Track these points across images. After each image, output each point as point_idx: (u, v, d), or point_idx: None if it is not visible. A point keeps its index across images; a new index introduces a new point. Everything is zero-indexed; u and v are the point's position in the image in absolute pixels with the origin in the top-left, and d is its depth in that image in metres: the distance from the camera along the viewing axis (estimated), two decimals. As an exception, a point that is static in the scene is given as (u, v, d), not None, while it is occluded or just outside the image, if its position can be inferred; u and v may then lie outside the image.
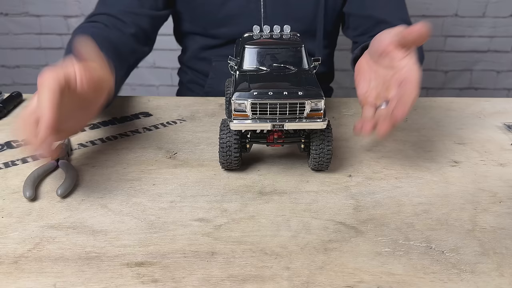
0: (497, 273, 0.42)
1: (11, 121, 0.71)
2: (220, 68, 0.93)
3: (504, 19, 1.71)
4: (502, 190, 0.54)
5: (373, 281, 0.40)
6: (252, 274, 0.41)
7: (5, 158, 0.60)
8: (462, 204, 0.52)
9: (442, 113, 0.76)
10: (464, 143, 0.66)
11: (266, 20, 0.86)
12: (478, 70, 1.81)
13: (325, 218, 0.49)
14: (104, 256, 0.43)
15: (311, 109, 0.51)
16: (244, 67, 0.56)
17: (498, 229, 0.47)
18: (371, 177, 0.57)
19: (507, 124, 0.72)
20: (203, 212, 0.50)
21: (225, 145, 0.54)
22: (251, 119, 0.52)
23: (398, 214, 0.50)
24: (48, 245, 0.44)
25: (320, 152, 0.54)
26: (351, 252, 0.44)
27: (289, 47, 0.57)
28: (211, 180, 0.56)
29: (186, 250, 0.44)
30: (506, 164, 0.60)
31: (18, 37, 1.75)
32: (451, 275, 0.41)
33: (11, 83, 1.85)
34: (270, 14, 0.86)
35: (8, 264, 0.42)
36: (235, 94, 0.51)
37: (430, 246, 0.45)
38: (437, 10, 1.68)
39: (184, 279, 0.41)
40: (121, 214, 0.49)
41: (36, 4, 1.69)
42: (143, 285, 0.40)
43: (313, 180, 0.56)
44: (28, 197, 0.51)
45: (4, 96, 0.77)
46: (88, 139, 0.66)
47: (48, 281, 0.40)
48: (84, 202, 0.51)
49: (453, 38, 1.74)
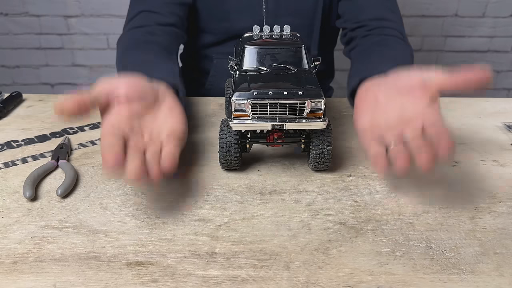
0: (497, 273, 0.42)
1: (11, 121, 0.72)
2: (221, 66, 0.93)
3: (504, 19, 1.71)
4: (502, 190, 0.54)
5: (373, 281, 0.40)
6: (252, 274, 0.41)
7: (5, 158, 0.60)
8: (462, 204, 0.51)
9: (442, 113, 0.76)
10: (464, 143, 0.66)
11: (267, 15, 0.86)
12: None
13: (325, 218, 0.49)
14: (104, 256, 0.43)
15: (311, 109, 0.51)
16: (244, 67, 0.56)
17: (498, 229, 0.47)
18: (371, 177, 0.57)
19: (507, 124, 0.72)
20: (203, 212, 0.50)
21: (225, 145, 0.54)
22: (251, 119, 0.52)
23: (398, 214, 0.50)
24: (48, 245, 0.44)
25: (320, 152, 0.54)
26: (351, 252, 0.44)
27: (289, 47, 0.57)
28: (211, 180, 0.56)
29: (186, 250, 0.44)
30: (506, 164, 0.60)
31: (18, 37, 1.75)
32: (451, 275, 0.41)
33: (11, 83, 1.85)
34: (271, 8, 0.86)
35: (8, 264, 0.42)
36: (235, 94, 0.51)
37: (430, 246, 0.45)
38: (437, 10, 1.68)
39: (184, 279, 0.41)
40: (121, 214, 0.49)
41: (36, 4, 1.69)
42: (143, 285, 0.40)
43: (313, 180, 0.56)
44: (28, 197, 0.51)
45: (4, 96, 0.77)
46: (88, 139, 0.66)
47: (48, 281, 0.40)
48: (84, 202, 0.51)
49: (453, 38, 1.74)
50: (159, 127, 0.52)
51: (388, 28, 0.80)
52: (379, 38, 0.78)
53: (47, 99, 0.80)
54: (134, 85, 0.52)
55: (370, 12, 0.82)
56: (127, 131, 0.49)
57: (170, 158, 0.48)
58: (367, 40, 0.79)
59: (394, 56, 0.70)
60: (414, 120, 0.51)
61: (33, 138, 0.66)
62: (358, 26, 0.83)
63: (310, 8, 0.87)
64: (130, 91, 0.51)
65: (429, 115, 0.51)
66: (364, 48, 0.78)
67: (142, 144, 0.49)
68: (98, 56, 1.77)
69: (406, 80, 0.54)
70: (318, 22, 0.88)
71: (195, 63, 0.99)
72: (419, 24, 1.70)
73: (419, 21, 1.70)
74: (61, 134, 0.67)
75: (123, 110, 0.51)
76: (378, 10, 0.83)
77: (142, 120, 0.52)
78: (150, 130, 0.51)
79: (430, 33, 1.73)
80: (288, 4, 0.87)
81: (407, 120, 0.52)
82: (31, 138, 0.66)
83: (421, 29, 1.71)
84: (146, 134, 0.51)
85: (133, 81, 0.53)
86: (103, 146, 0.46)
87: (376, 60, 0.69)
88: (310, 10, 0.88)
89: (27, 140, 0.65)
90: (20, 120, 0.72)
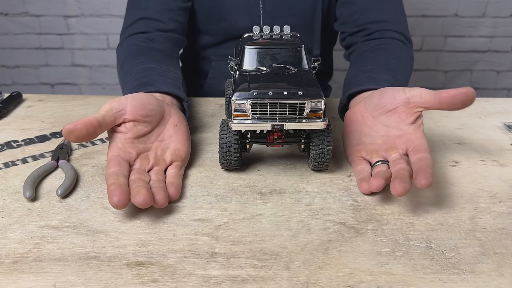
0: (497, 273, 0.42)
1: (11, 121, 0.72)
2: (220, 67, 0.93)
3: (504, 19, 1.71)
4: (502, 190, 0.54)
5: (373, 281, 0.40)
6: (252, 274, 0.41)
7: (5, 158, 0.60)
8: (462, 204, 0.52)
9: (442, 113, 0.76)
10: (464, 143, 0.66)
11: (265, 15, 0.86)
12: (478, 70, 1.82)
13: (325, 218, 0.49)
14: (104, 256, 0.43)
15: (311, 109, 0.51)
16: (244, 67, 0.56)
17: (498, 229, 0.47)
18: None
19: (507, 124, 0.72)
20: (203, 212, 0.50)
21: (225, 145, 0.54)
22: (251, 119, 0.52)
23: (398, 214, 0.50)
24: (48, 245, 0.44)
25: (320, 152, 0.54)
26: (351, 252, 0.44)
27: (289, 47, 0.57)
28: (211, 180, 0.56)
29: (186, 250, 0.44)
30: (506, 164, 0.60)
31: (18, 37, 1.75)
32: (451, 275, 0.41)
33: (11, 83, 1.85)
34: (269, 9, 0.86)
35: (8, 264, 0.42)
36: (235, 94, 0.51)
37: (430, 246, 0.45)
38: (437, 10, 1.68)
39: (184, 279, 0.41)
40: (121, 214, 0.49)
41: (36, 4, 1.69)
42: (143, 285, 0.40)
43: (313, 180, 0.56)
44: (28, 197, 0.51)
45: (4, 96, 0.77)
46: (88, 139, 0.66)
47: (48, 281, 0.40)
48: (84, 202, 0.51)
49: (453, 38, 1.75)
50: (164, 147, 0.55)
51: (388, 30, 0.80)
52: (378, 42, 0.78)
53: (47, 99, 0.80)
54: (141, 106, 0.54)
55: (370, 15, 0.82)
56: (133, 155, 0.52)
57: (175, 188, 0.51)
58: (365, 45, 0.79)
59: (388, 64, 0.70)
60: (398, 144, 0.54)
61: (33, 138, 0.66)
62: (358, 30, 0.82)
63: (308, 8, 0.87)
64: (137, 113, 0.53)
65: (413, 137, 0.54)
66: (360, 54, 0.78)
67: (147, 167, 0.53)
68: (98, 56, 1.77)
69: (390, 100, 0.56)
70: (318, 22, 0.88)
71: (193, 65, 0.99)
72: (419, 24, 1.71)
73: (419, 21, 1.70)
74: (61, 134, 0.67)
75: (129, 132, 0.53)
76: (378, 12, 0.82)
77: (147, 141, 0.55)
78: (155, 151, 0.55)
79: (430, 33, 1.73)
80: (286, 5, 0.86)
81: (391, 144, 0.55)
82: (31, 138, 0.66)
83: (421, 29, 1.71)
84: (151, 156, 0.54)
85: (140, 102, 0.54)
86: (108, 176, 0.49)
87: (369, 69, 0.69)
88: (309, 10, 0.87)
89: (27, 140, 0.65)
90: (20, 120, 0.72)
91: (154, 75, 0.65)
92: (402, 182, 0.47)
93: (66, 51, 1.78)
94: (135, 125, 0.53)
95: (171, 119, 0.57)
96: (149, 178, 0.51)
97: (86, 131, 0.48)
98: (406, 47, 0.79)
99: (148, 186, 0.49)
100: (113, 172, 0.49)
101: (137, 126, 0.53)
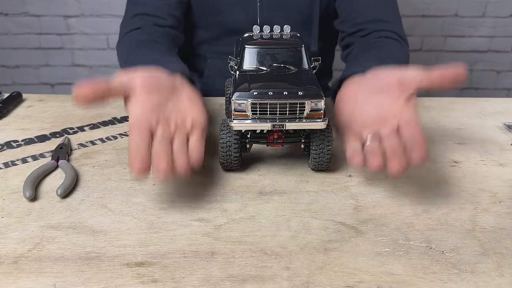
0: (497, 273, 0.42)
1: (11, 121, 0.72)
2: (215, 65, 0.93)
3: (504, 19, 1.71)
4: (502, 190, 0.54)
5: (373, 281, 0.40)
6: (252, 274, 0.41)
7: (5, 158, 0.60)
8: (462, 204, 0.51)
9: (442, 113, 0.76)
10: (464, 143, 0.66)
11: (261, 9, 0.86)
12: (478, 70, 1.81)
13: (325, 218, 0.49)
14: (104, 256, 0.43)
15: (311, 109, 0.51)
16: (244, 67, 0.56)
17: (498, 229, 0.47)
18: (371, 177, 0.57)
19: (507, 124, 0.72)
20: (203, 212, 0.50)
21: (225, 145, 0.54)
22: (251, 119, 0.52)
23: (398, 214, 0.50)
24: (48, 245, 0.44)
25: (320, 152, 0.54)
26: (351, 252, 0.44)
27: (289, 47, 0.57)
28: (211, 180, 0.56)
29: (186, 250, 0.44)
30: (506, 164, 0.60)
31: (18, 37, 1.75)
32: (451, 275, 0.41)
33: (11, 83, 1.85)
34: (265, 3, 0.86)
35: (8, 264, 0.42)
36: (235, 94, 0.51)
37: (430, 246, 0.45)
38: (437, 10, 1.68)
39: (184, 279, 0.41)
40: (121, 214, 0.49)
41: (36, 4, 1.69)
42: (143, 285, 0.40)
43: (313, 180, 0.56)
44: (28, 197, 0.51)
45: (4, 96, 0.77)
46: (88, 139, 0.66)
47: (48, 281, 0.40)
48: (84, 202, 0.51)
49: (453, 38, 1.74)
50: (183, 116, 0.53)
51: (385, 30, 0.80)
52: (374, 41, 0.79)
53: (47, 99, 0.80)
54: (151, 77, 0.53)
55: (368, 14, 0.82)
56: (154, 122, 0.50)
57: (197, 152, 0.50)
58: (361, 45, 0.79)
59: (380, 56, 0.71)
60: (390, 118, 0.53)
61: (33, 138, 0.66)
62: (356, 30, 0.83)
63: (306, 4, 0.87)
64: (147, 83, 0.52)
65: (405, 114, 0.53)
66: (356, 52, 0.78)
67: (169, 134, 0.50)
68: (98, 56, 1.77)
69: (384, 78, 0.56)
70: (316, 18, 0.88)
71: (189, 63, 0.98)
72: (419, 24, 1.70)
73: (419, 21, 1.70)
74: (61, 134, 0.67)
75: (146, 101, 0.51)
76: (375, 11, 0.83)
77: (165, 111, 0.52)
78: (175, 118, 0.52)
79: (430, 33, 1.73)
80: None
81: (383, 118, 0.53)
82: (31, 138, 0.66)
83: (421, 29, 1.71)
84: (172, 123, 0.52)
85: (149, 73, 0.53)
86: (130, 144, 0.47)
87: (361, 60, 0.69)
88: (307, 6, 0.87)
89: (27, 140, 0.65)
90: (20, 120, 0.72)
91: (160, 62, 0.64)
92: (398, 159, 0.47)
93: (66, 51, 1.78)
94: (149, 95, 0.52)
95: (185, 92, 0.56)
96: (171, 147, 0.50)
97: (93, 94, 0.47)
98: (401, 45, 0.79)
99: (170, 152, 0.48)
100: (135, 143, 0.47)
101: (151, 96, 0.52)
